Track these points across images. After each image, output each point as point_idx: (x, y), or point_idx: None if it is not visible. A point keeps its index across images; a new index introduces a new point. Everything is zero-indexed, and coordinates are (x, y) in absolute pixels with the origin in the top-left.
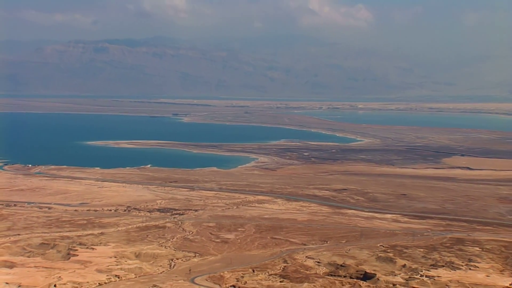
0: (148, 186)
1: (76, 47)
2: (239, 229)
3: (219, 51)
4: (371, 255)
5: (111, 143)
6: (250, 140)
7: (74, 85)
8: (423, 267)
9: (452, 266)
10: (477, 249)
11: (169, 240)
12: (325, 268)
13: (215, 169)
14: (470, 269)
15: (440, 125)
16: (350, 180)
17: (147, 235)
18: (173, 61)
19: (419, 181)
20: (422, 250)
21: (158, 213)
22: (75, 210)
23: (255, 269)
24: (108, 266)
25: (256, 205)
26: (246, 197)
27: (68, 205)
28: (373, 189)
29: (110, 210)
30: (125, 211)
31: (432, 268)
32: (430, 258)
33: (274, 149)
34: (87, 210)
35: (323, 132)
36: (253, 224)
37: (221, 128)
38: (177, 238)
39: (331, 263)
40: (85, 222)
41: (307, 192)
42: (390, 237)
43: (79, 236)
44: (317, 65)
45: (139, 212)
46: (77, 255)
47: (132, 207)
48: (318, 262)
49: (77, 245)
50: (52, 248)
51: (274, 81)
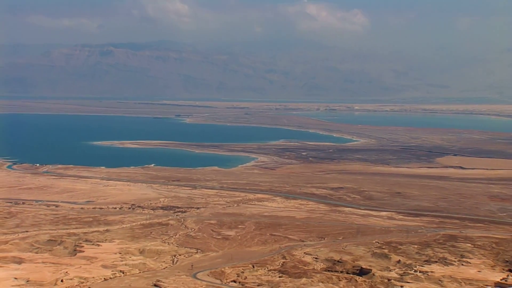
0: (152, 185)
1: (82, 50)
2: (240, 226)
3: (220, 55)
4: (367, 251)
5: (116, 143)
6: (250, 140)
7: (80, 87)
8: (417, 263)
9: (445, 261)
10: (469, 245)
11: (172, 236)
12: (322, 263)
13: (216, 168)
14: (462, 264)
15: (434, 126)
16: (346, 179)
17: (151, 232)
18: (176, 64)
19: (413, 180)
20: (416, 246)
21: (162, 210)
22: (81, 208)
23: (255, 264)
24: (113, 262)
25: (256, 203)
26: (246, 195)
27: (74, 203)
28: (368, 187)
29: (115, 208)
30: (129, 209)
31: (425, 263)
32: (424, 254)
33: (273, 149)
34: (93, 208)
35: (321, 133)
36: (253, 222)
37: (222, 128)
38: (179, 235)
39: (328, 259)
40: (91, 219)
41: (305, 190)
42: (385, 234)
43: (85, 233)
44: (315, 68)
45: (143, 210)
46: (83, 251)
47: (136, 205)
48: (316, 258)
49: (83, 241)
50: (59, 244)
51: (273, 83)
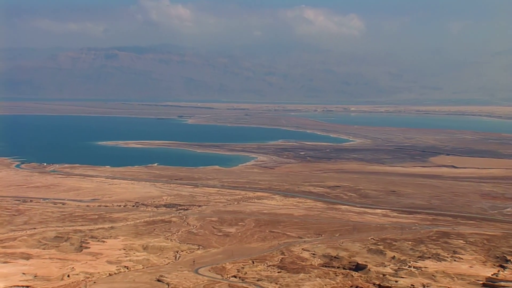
0: (155, 183)
1: (88, 54)
2: (240, 223)
3: (221, 58)
4: (362, 248)
5: (120, 143)
6: (250, 140)
7: (86, 89)
8: (411, 259)
9: (438, 257)
10: (461, 241)
11: (175, 233)
12: (320, 259)
13: (217, 167)
14: (455, 260)
15: (427, 127)
16: (343, 178)
17: (154, 229)
18: (178, 67)
19: (407, 179)
20: (410, 243)
21: (164, 208)
22: (87, 206)
23: (254, 260)
24: (117, 258)
25: (256, 201)
26: (246, 194)
27: (80, 201)
28: (364, 186)
29: (120, 206)
30: (133, 206)
31: (419, 259)
32: (418, 250)
33: (272, 148)
34: (98, 206)
35: (318, 133)
36: (253, 219)
37: (223, 129)
38: (182, 232)
39: (326, 255)
40: (96, 217)
41: (303, 189)
42: (380, 230)
43: (91, 229)
44: (312, 70)
45: (146, 208)
46: (89, 247)
47: (140, 203)
48: (313, 254)
49: (89, 238)
50: (65, 241)
51: (272, 85)
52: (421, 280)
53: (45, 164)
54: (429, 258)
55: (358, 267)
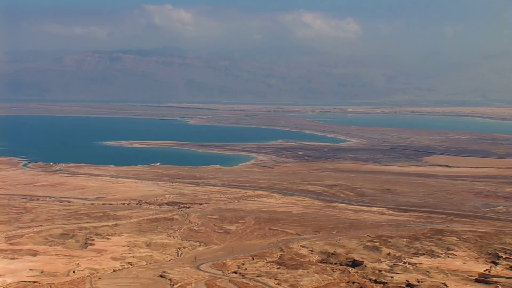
0: (158, 182)
1: (93, 56)
2: (240, 221)
3: (221, 60)
4: (359, 244)
5: (124, 143)
6: (250, 140)
7: (91, 91)
8: (406, 255)
9: (432, 254)
10: (454, 238)
11: (177, 231)
12: (317, 256)
13: (218, 166)
14: (448, 256)
15: (422, 127)
16: (340, 177)
17: (157, 226)
18: (180, 69)
19: (402, 178)
20: (405, 239)
21: (167, 206)
22: (92, 204)
23: (254, 257)
24: (121, 254)
25: (255, 199)
26: (246, 192)
27: (85, 199)
28: (361, 184)
29: (124, 204)
30: (137, 204)
31: (414, 256)
32: (412, 247)
33: (272, 148)
34: (102, 204)
35: (316, 133)
36: (253, 217)
37: (224, 129)
38: (184, 229)
39: (323, 251)
40: (101, 214)
41: (301, 187)
42: (376, 228)
43: (96, 227)
44: (310, 72)
45: (149, 206)
46: (94, 244)
47: (143, 201)
48: (311, 251)
49: (93, 235)
50: (71, 238)
51: (272, 87)
52: (415, 276)
53: (51, 163)
54: (424, 254)
55: (355, 264)
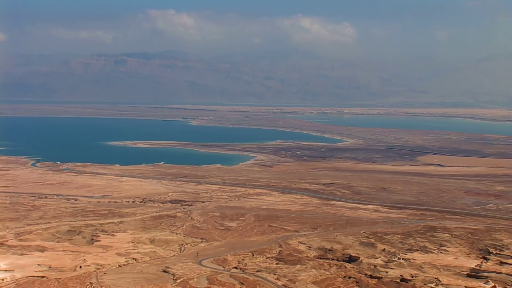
0: (161, 181)
1: (98, 59)
2: (240, 218)
3: (222, 63)
4: (355, 241)
5: (128, 143)
6: (250, 140)
7: (97, 93)
8: (400, 251)
9: (425, 250)
10: (447, 235)
11: (179, 227)
12: (315, 252)
13: (219, 166)
14: (441, 252)
15: (415, 128)
16: (337, 176)
17: (160, 223)
18: (182, 71)
19: (397, 176)
20: (399, 236)
21: (170, 204)
22: (98, 202)
23: (254, 253)
24: (126, 250)
25: (255, 197)
26: (246, 190)
27: (91, 197)
28: (357, 183)
29: (128, 202)
30: (141, 202)
31: (408, 252)
32: (406, 243)
33: (271, 148)
34: (108, 202)
35: (313, 134)
36: (253, 214)
37: (225, 130)
38: (186, 226)
39: (320, 247)
40: (106, 212)
41: (299, 186)
42: (371, 225)
43: (101, 224)
44: (308, 75)
45: (153, 204)
46: (100, 240)
47: (147, 199)
48: (309, 247)
49: (99, 232)
50: (78, 234)
51: (271, 89)
52: (409, 271)
53: (58, 162)
54: (417, 250)
55: (351, 259)
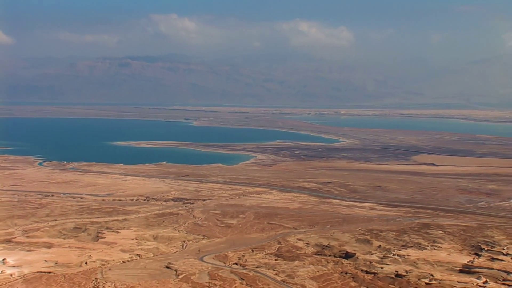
0: (164, 180)
1: (103, 62)
2: (241, 215)
3: (223, 66)
4: (351, 238)
5: (132, 143)
6: (250, 140)
7: (102, 94)
8: (395, 248)
9: (420, 246)
10: (440, 232)
11: (182, 225)
12: (313, 248)
13: (220, 165)
14: (434, 249)
15: (410, 128)
16: (334, 175)
17: (163, 221)
18: (185, 74)
19: (392, 175)
20: (394, 233)
21: (173, 202)
22: (103, 200)
23: (254, 249)
24: (130, 247)
25: (255, 195)
26: (246, 189)
27: (97, 195)
28: (353, 182)
29: (132, 200)
30: (144, 200)
31: (402, 248)
32: (401, 240)
33: (270, 148)
34: (112, 200)
35: (311, 134)
36: (252, 212)
37: (225, 130)
38: (188, 223)
39: (318, 244)
40: (111, 209)
41: (297, 184)
42: (367, 222)
43: (106, 221)
44: (306, 77)
45: (156, 202)
46: (105, 237)
47: (151, 197)
48: (307, 243)
49: (104, 229)
50: (83, 231)
51: (270, 91)
52: (404, 267)
53: (65, 162)
54: (412, 247)
55: (348, 255)
